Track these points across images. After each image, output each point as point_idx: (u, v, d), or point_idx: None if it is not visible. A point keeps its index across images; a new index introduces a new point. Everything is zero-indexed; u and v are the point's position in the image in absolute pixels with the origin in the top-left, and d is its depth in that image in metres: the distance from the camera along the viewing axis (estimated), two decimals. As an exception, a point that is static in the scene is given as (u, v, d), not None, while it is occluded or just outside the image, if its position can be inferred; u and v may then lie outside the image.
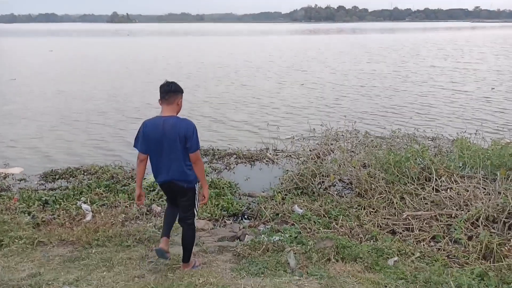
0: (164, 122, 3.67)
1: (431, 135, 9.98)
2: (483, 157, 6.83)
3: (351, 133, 10.12)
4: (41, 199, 6.47)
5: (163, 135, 3.65)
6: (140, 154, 3.81)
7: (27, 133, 11.37)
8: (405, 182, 6.55)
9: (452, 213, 5.64)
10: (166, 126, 3.65)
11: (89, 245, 4.75)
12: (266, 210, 6.10)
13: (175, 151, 3.67)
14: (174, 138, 3.64)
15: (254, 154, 9.18)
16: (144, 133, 3.72)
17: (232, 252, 4.69)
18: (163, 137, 3.65)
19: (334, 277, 3.98)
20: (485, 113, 13.35)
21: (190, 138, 3.65)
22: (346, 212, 5.97)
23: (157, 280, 3.86)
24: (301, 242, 4.90)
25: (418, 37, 61.71)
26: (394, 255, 4.65)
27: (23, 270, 4.03)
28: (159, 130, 3.66)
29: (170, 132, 3.64)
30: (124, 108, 14.48)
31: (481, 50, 37.06)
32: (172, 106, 3.75)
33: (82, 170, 8.16)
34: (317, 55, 34.16)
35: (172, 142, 3.64)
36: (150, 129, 3.70)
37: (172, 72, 23.90)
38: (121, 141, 10.61)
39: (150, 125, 3.72)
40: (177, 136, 3.64)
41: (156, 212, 6.12)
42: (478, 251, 4.64)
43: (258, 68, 25.90)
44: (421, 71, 23.51)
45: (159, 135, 3.66)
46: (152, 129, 3.69)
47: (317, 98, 16.22)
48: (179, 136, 3.64)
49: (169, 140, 3.65)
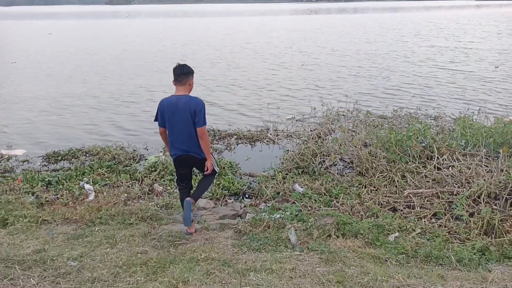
0: (177, 100, 4.08)
1: (433, 114, 9.93)
2: (486, 135, 6.81)
3: (352, 112, 10.07)
4: (44, 180, 6.52)
5: (176, 111, 4.06)
6: (159, 128, 4.26)
7: (27, 116, 11.37)
8: (406, 161, 6.55)
9: (453, 190, 5.65)
10: (180, 103, 4.06)
11: (92, 223, 4.81)
12: (267, 189, 6.13)
13: (188, 126, 4.07)
14: (186, 114, 4.03)
15: (255, 134, 9.17)
16: (161, 110, 4.15)
17: (233, 229, 4.73)
18: (176, 113, 4.06)
19: (334, 252, 4.02)
20: (488, 91, 13.24)
21: (198, 114, 4.03)
22: (347, 191, 6.00)
23: (160, 256, 3.91)
24: (301, 219, 4.94)
25: (420, 16, 60.82)
26: (395, 231, 4.68)
27: (28, 247, 4.08)
28: (173, 107, 4.07)
29: (183, 108, 4.04)
30: (118, 92, 14.38)
31: (484, 29, 36.55)
32: (184, 87, 4.14)
33: (84, 151, 8.19)
34: (317, 36, 33.72)
35: (185, 117, 4.04)
36: (166, 106, 4.12)
37: (167, 54, 23.66)
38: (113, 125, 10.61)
39: (166, 103, 4.13)
40: (188, 112, 4.03)
41: (158, 192, 6.16)
42: (479, 227, 4.65)
43: (256, 50, 25.61)
44: (422, 50, 23.22)
45: (173, 112, 4.07)
46: (167, 107, 4.11)
47: (317, 79, 16.08)
48: (189, 112, 4.03)
49: (182, 116, 4.04)
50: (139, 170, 7.04)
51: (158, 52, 25.04)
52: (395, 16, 65.20)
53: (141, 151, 8.40)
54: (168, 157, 7.51)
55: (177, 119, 4.07)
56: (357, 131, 8.36)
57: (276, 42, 29.94)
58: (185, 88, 4.14)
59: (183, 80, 4.12)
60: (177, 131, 4.12)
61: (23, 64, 20.92)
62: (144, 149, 8.53)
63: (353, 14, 78.42)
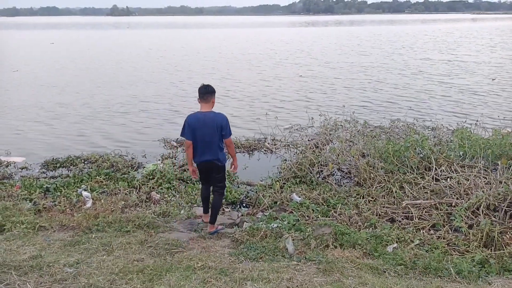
0: (204, 116, 4.63)
1: (431, 126, 9.98)
2: (484, 147, 6.82)
3: (349, 123, 10.11)
4: (43, 187, 6.51)
5: (204, 126, 4.60)
6: (187, 141, 4.72)
7: (27, 124, 11.39)
8: (404, 172, 6.56)
9: (452, 202, 5.64)
10: (207, 119, 4.62)
11: (89, 230, 4.78)
12: (264, 198, 6.12)
13: (213, 138, 4.65)
14: (213, 128, 4.61)
15: (252, 143, 9.18)
16: (189, 125, 4.64)
17: (230, 238, 4.71)
18: (204, 127, 4.60)
19: (332, 262, 4.00)
20: (485, 103, 13.32)
21: (225, 127, 4.66)
22: (345, 201, 5.99)
23: (156, 263, 3.89)
24: (299, 229, 4.93)
25: (416, 29, 61.43)
26: (393, 242, 4.67)
27: (24, 252, 4.05)
28: (201, 122, 4.61)
29: (210, 123, 4.60)
30: (117, 101, 14.45)
31: (480, 42, 36.91)
32: (208, 104, 4.68)
33: (83, 159, 8.18)
34: (314, 47, 34.01)
35: (211, 130, 4.61)
36: (193, 121, 4.63)
37: (163, 65, 23.73)
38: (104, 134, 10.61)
39: (193, 118, 4.65)
40: (215, 126, 4.61)
41: (155, 200, 6.14)
42: (478, 239, 4.62)
43: (254, 61, 25.77)
44: (417, 63, 23.40)
45: (201, 126, 4.60)
46: (195, 122, 4.63)
47: (315, 89, 16.18)
48: (216, 126, 4.61)
49: (209, 129, 4.61)
50: (137, 178, 7.03)
51: (156, 62, 25.19)
52: (392, 28, 65.87)
53: (139, 159, 8.40)
54: (166, 165, 7.53)
55: (205, 132, 4.61)
56: (354, 142, 8.39)
57: (272, 53, 30.15)
58: (209, 105, 4.68)
59: (208, 98, 4.66)
60: (205, 142, 4.66)
61: (24, 72, 21.01)
62: (143, 157, 8.53)
63: (350, 26, 79.18)
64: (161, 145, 9.34)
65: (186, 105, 13.59)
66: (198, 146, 4.71)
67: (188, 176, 7.11)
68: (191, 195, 6.35)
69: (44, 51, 33.53)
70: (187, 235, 4.84)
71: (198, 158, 4.80)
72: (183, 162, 7.96)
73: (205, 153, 4.72)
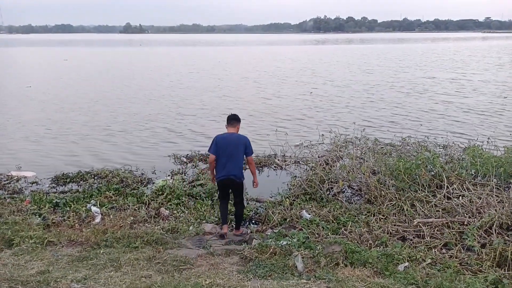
0: (230, 136, 5.51)
1: (442, 143, 9.87)
2: (496, 165, 6.72)
3: (360, 140, 10.05)
4: (52, 202, 6.55)
5: (229, 144, 5.41)
6: (211, 156, 5.47)
7: (38, 139, 11.55)
8: (415, 189, 6.47)
9: (464, 220, 5.53)
10: (232, 138, 5.48)
11: (98, 246, 4.78)
12: (274, 215, 6.07)
13: (236, 155, 5.42)
14: (238, 146, 5.42)
15: (262, 159, 9.17)
16: (217, 143, 5.44)
17: (239, 255, 4.67)
18: (229, 146, 5.40)
19: (342, 281, 3.93)
20: (497, 121, 13.17)
21: (249, 146, 5.50)
22: (355, 218, 5.91)
23: (164, 280, 3.85)
24: (309, 246, 4.86)
25: (426, 47, 61.47)
26: (405, 261, 4.57)
27: (32, 268, 4.06)
28: (227, 141, 5.44)
29: (235, 141, 5.44)
30: (128, 117, 14.65)
31: (489, 60, 36.72)
32: (234, 128, 5.59)
33: (93, 174, 8.25)
34: (324, 65, 34.18)
35: (236, 149, 5.40)
36: (221, 140, 5.45)
37: (173, 83, 23.96)
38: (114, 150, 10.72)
39: (220, 138, 5.49)
40: (239, 145, 5.42)
41: (164, 216, 6.13)
42: (492, 259, 4.51)
43: (264, 77, 25.97)
44: (428, 81, 23.35)
45: (227, 144, 5.41)
46: (222, 140, 5.45)
47: (325, 107, 16.22)
48: (240, 145, 5.43)
49: (234, 147, 5.40)
50: (146, 194, 7.03)
51: (167, 81, 25.56)
52: (402, 47, 66.05)
53: (149, 174, 8.43)
54: (176, 181, 7.53)
55: (231, 148, 5.39)
56: (365, 159, 8.31)
57: (281, 70, 30.37)
58: (235, 129, 5.57)
59: (234, 124, 5.58)
60: (229, 157, 5.39)
61: (37, 88, 21.44)
62: (152, 173, 8.56)
63: (361, 44, 79.60)
64: (171, 161, 9.39)
65: (195, 122, 13.72)
66: (221, 162, 5.40)
67: (198, 192, 7.11)
68: (200, 212, 6.33)
69: (57, 67, 34.27)
70: (195, 251, 4.81)
71: (219, 174, 5.44)
72: (192, 178, 7.96)
73: (227, 168, 5.38)
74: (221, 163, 5.43)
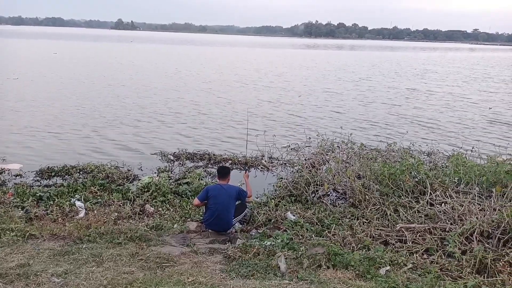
0: (221, 187, 5.76)
1: (427, 150, 10.02)
2: (479, 174, 6.84)
3: (346, 144, 10.14)
4: (36, 195, 6.47)
5: (221, 194, 5.64)
6: (196, 200, 5.74)
7: (24, 131, 11.37)
8: (399, 195, 6.56)
9: (446, 227, 5.61)
10: (224, 189, 5.70)
11: (80, 241, 4.73)
12: (259, 216, 6.09)
13: (228, 203, 5.63)
14: (230, 196, 5.67)
15: (249, 160, 9.18)
16: (207, 192, 5.70)
17: (222, 254, 4.67)
18: (222, 195, 5.63)
19: (324, 283, 3.96)
20: (481, 131, 13.42)
21: (242, 193, 5.83)
22: (339, 221, 5.96)
23: (146, 277, 3.84)
24: (292, 247, 4.89)
25: (416, 56, 62.27)
26: (386, 264, 4.62)
27: (12, 260, 4.00)
28: (218, 191, 5.67)
29: (227, 192, 5.68)
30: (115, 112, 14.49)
31: (475, 71, 37.40)
32: (225, 180, 5.87)
33: (78, 169, 8.16)
34: (314, 70, 34.32)
35: (228, 198, 5.64)
36: (212, 190, 5.70)
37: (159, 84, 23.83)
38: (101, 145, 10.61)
39: (212, 188, 5.80)
40: (232, 194, 5.69)
41: (149, 212, 6.10)
42: (472, 266, 4.59)
43: (253, 81, 25.95)
44: (417, 90, 23.64)
45: (219, 194, 5.64)
46: (213, 191, 5.70)
47: (313, 110, 16.29)
48: (232, 195, 5.68)
49: (226, 196, 5.63)
50: (131, 190, 6.99)
51: (159, 78, 25.40)
52: (391, 54, 66.79)
53: (135, 171, 8.37)
54: (162, 179, 7.50)
55: (220, 199, 5.59)
56: (351, 163, 8.39)
57: (272, 73, 30.44)
58: (226, 180, 5.84)
59: (225, 176, 5.87)
60: (219, 207, 5.56)
61: (24, 80, 21.10)
62: (139, 169, 8.51)
63: (351, 50, 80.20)
64: (158, 158, 9.34)
65: (181, 120, 13.66)
66: (211, 210, 5.57)
67: (184, 190, 7.09)
68: (185, 210, 6.31)
69: (46, 60, 33.77)
70: (179, 249, 4.79)
71: (209, 221, 5.60)
72: (179, 176, 7.93)
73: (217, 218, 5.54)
74: (211, 211, 5.58)
